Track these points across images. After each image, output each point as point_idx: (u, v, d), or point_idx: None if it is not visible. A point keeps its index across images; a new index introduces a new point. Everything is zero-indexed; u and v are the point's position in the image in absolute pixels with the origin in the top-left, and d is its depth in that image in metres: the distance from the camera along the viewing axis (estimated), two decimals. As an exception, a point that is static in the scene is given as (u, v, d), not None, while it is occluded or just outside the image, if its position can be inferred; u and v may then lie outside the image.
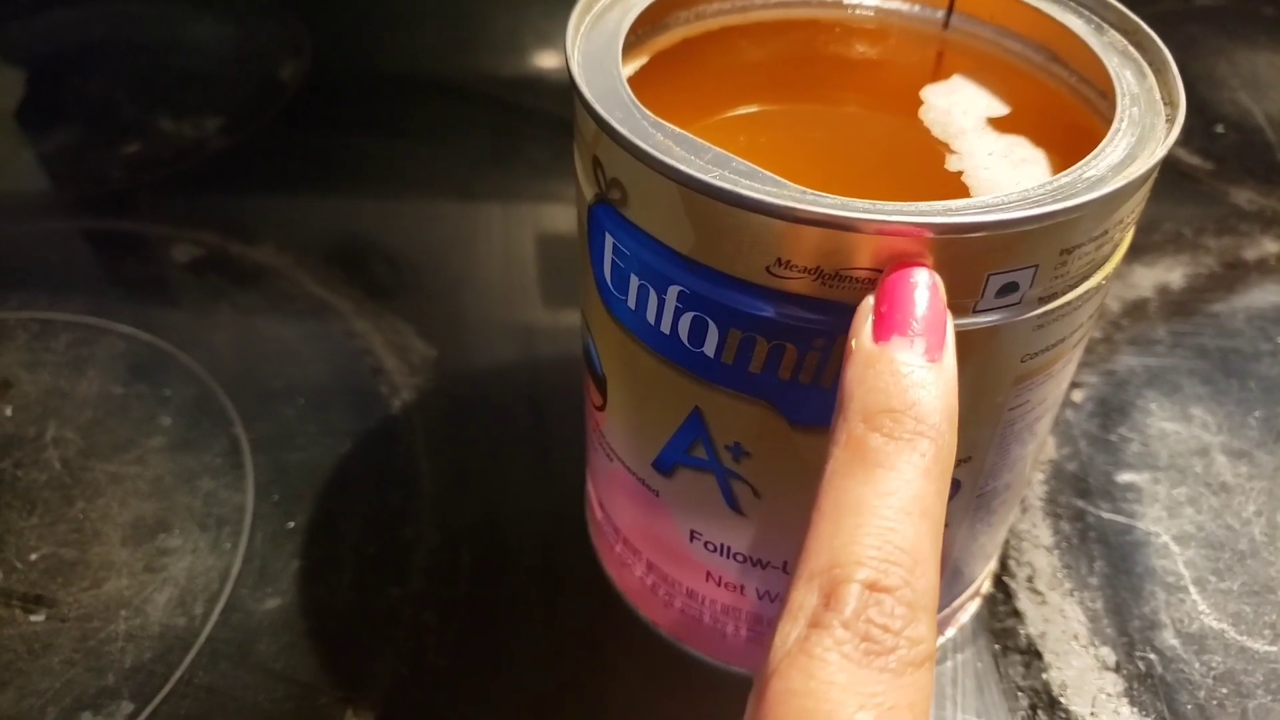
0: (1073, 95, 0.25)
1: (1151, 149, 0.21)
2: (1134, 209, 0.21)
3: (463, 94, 0.51)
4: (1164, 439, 0.35)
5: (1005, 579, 0.31)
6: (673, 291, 0.21)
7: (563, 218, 0.44)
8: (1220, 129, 0.50)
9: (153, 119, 0.49)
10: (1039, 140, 0.24)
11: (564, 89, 0.22)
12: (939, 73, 0.27)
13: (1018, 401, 0.22)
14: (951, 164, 0.24)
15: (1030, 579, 0.31)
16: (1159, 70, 0.23)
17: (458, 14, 0.57)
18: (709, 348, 0.21)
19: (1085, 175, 0.20)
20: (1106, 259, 0.21)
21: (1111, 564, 0.31)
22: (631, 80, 0.25)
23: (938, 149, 0.24)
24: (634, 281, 0.22)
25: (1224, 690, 0.28)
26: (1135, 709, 0.28)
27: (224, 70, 0.52)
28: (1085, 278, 0.21)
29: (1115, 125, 0.21)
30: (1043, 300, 0.20)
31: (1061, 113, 0.25)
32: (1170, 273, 0.42)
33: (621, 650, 0.29)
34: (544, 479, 0.33)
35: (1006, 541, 0.32)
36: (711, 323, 0.21)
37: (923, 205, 0.19)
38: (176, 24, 0.56)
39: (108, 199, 0.44)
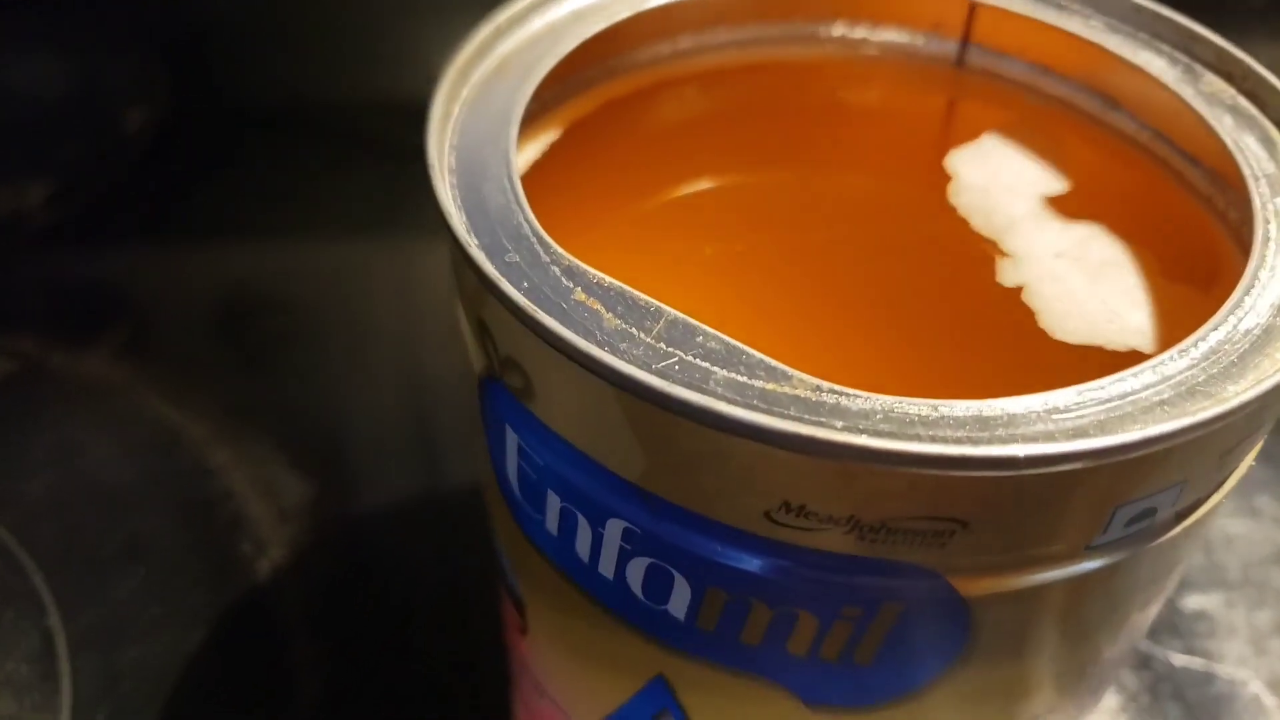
0: (1150, 157, 0.18)
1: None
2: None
3: (350, 130, 0.43)
4: (1231, 545, 0.29)
5: (1063, 764, 0.24)
6: (614, 526, 0.13)
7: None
8: None
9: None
10: (1118, 227, 0.17)
11: (428, 211, 0.14)
12: (955, 129, 0.20)
13: (1121, 644, 0.15)
14: (1005, 273, 0.17)
15: (1096, 759, 0.24)
16: (1304, 133, 0.16)
17: (341, 32, 0.48)
18: (676, 607, 0.14)
19: (1243, 327, 0.13)
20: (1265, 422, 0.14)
21: (1192, 727, 0.25)
22: (535, 170, 0.17)
23: (983, 249, 0.17)
24: (553, 500, 0.14)
25: None
26: None
27: (54, 122, 0.43)
28: (1241, 459, 0.14)
29: (1261, 232, 0.14)
30: (1183, 515, 0.13)
31: (1142, 184, 0.18)
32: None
33: None
34: (463, 673, 0.25)
35: (1057, 707, 0.25)
36: (678, 575, 0.13)
37: (1020, 404, 0.11)
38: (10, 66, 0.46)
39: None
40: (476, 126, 0.16)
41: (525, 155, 0.18)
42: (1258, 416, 0.12)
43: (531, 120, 0.18)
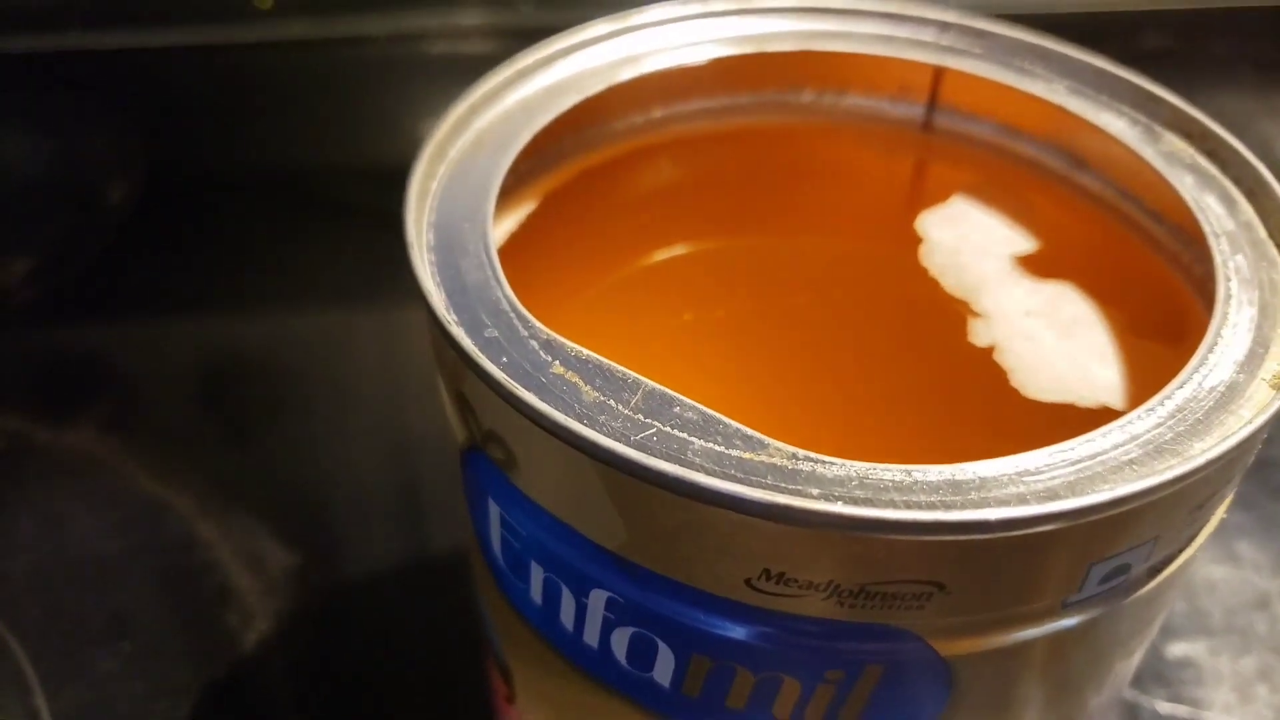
0: (1117, 215, 0.18)
1: (1288, 327, 0.14)
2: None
3: (331, 197, 0.43)
4: (1213, 592, 0.29)
5: (1057, 818, 0.24)
6: (598, 596, 0.13)
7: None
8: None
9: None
10: (1087, 285, 0.18)
11: (408, 287, 0.14)
12: (925, 191, 0.20)
13: (1104, 696, 0.15)
14: (977, 333, 0.17)
15: (1088, 814, 0.24)
16: (1253, 194, 0.16)
17: (320, 99, 0.49)
18: (661, 674, 0.14)
19: (1208, 384, 0.13)
20: (1235, 474, 0.14)
21: (1185, 779, 0.25)
22: (512, 241, 0.17)
23: (954, 309, 0.17)
24: (537, 571, 0.14)
25: None
26: None
27: (35, 197, 0.44)
28: (1212, 513, 0.14)
29: (1223, 289, 0.14)
30: (1157, 570, 0.13)
31: (1109, 242, 0.18)
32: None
33: None
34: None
35: (1050, 760, 0.25)
36: (662, 643, 0.13)
37: (992, 468, 0.12)
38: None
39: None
40: (454, 202, 0.16)
41: (503, 227, 0.18)
42: (1225, 472, 0.13)
43: (508, 193, 0.18)
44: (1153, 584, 0.13)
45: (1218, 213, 0.16)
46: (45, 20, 0.51)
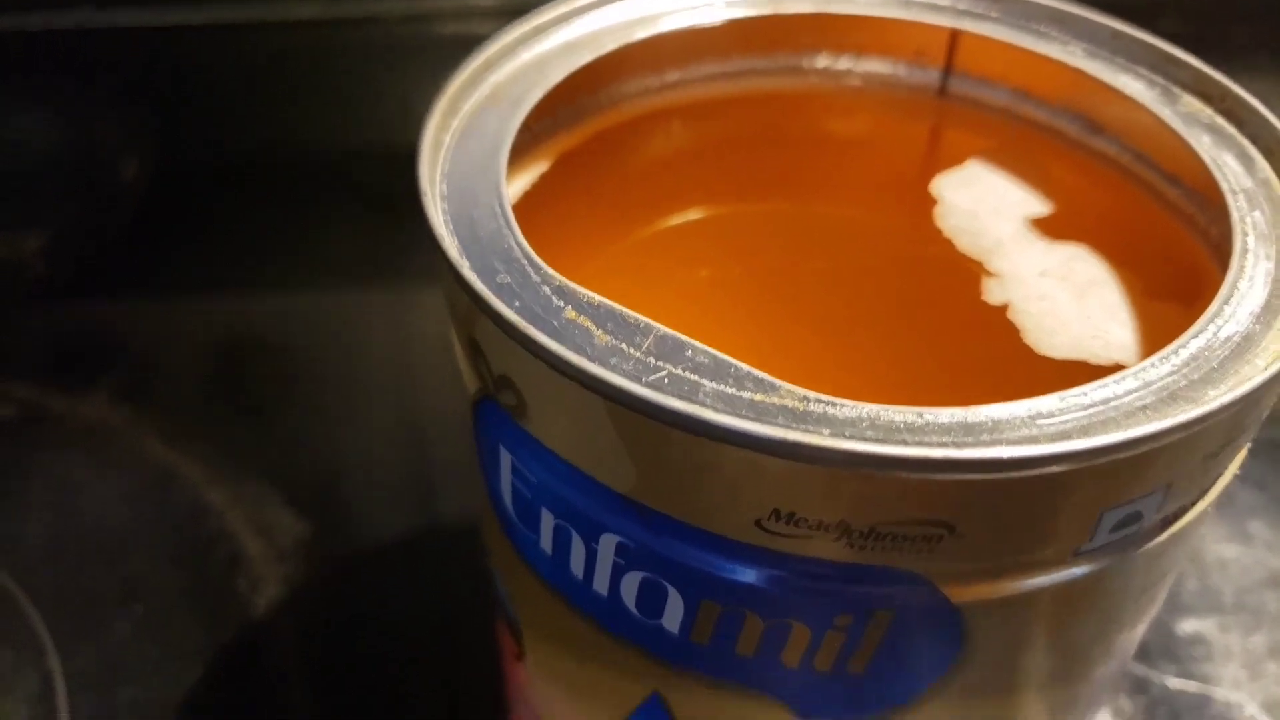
0: (1132, 178, 0.18)
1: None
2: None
3: (342, 179, 0.43)
4: (1224, 569, 0.29)
5: (1065, 790, 0.24)
6: (608, 541, 0.13)
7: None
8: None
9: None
10: (1102, 247, 0.18)
11: (422, 235, 0.14)
12: (940, 156, 0.20)
13: (1112, 661, 0.15)
14: (991, 292, 0.17)
15: (1097, 786, 0.24)
16: (1271, 152, 0.16)
17: (335, 82, 0.49)
18: (670, 621, 0.14)
19: (1223, 334, 0.13)
20: (1249, 426, 0.14)
21: (1193, 752, 0.24)
22: (525, 201, 0.17)
23: (969, 269, 0.17)
24: (547, 518, 0.14)
25: None
26: None
27: (49, 174, 0.44)
28: (1225, 466, 0.14)
29: (1239, 244, 0.14)
30: (1169, 521, 0.13)
31: (1125, 205, 0.18)
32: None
33: None
34: (459, 707, 0.25)
35: (1059, 733, 0.25)
36: (672, 589, 0.13)
37: (1004, 410, 0.12)
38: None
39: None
40: (467, 155, 0.16)
41: (516, 186, 0.18)
42: (1238, 420, 0.13)
43: (522, 151, 0.18)
44: (1164, 536, 0.13)
45: (1235, 170, 0.16)
46: (60, -1, 0.51)
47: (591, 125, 0.20)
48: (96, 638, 0.27)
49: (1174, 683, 0.26)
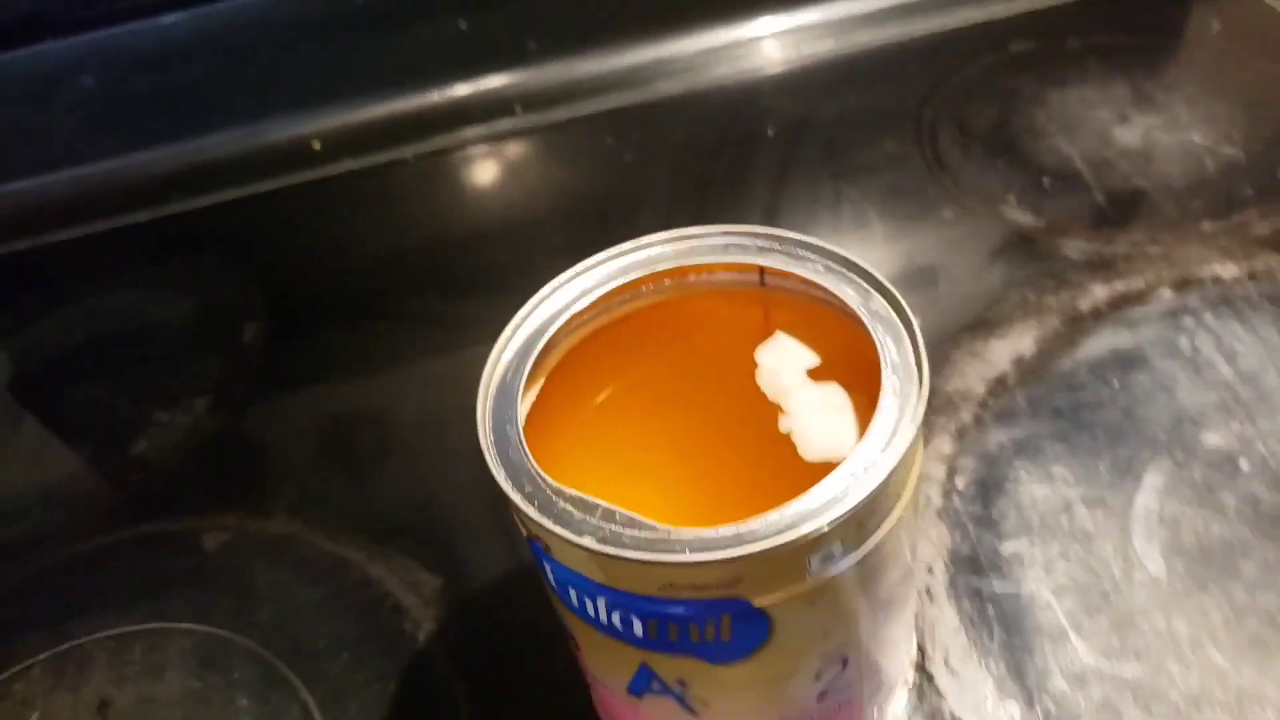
0: (856, 336, 0.33)
1: (909, 418, 0.28)
2: (904, 471, 0.28)
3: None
4: (1035, 505, 0.43)
5: (926, 664, 0.39)
6: (601, 599, 0.29)
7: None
8: (1046, 182, 0.58)
9: (148, 413, 0.56)
10: (848, 383, 0.32)
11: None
12: (767, 327, 0.35)
13: (867, 602, 0.30)
14: (783, 424, 0.32)
15: (946, 659, 0.39)
16: (912, 338, 0.30)
17: (373, 215, 0.64)
18: (637, 630, 0.29)
19: (861, 463, 0.27)
20: (899, 497, 0.29)
21: (1006, 629, 0.39)
22: (535, 412, 0.32)
23: (772, 411, 0.32)
24: (571, 591, 0.30)
25: (1105, 716, 0.36)
26: (1041, 753, 0.36)
27: (193, 347, 0.60)
28: (885, 518, 0.29)
29: (881, 402, 0.29)
30: (856, 548, 0.28)
31: (861, 350, 0.33)
32: (1022, 340, 0.49)
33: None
34: (563, 674, 0.41)
35: (922, 630, 0.40)
36: (635, 617, 0.28)
37: (732, 533, 0.26)
38: (139, 309, 0.63)
39: (132, 504, 0.52)
40: (500, 404, 0.31)
41: (529, 396, 0.33)
42: (861, 511, 0.27)
43: (532, 378, 0.33)
44: (861, 555, 0.28)
45: (892, 349, 0.30)
46: (148, 193, 0.67)
47: (564, 348, 0.34)
48: (326, 676, 0.43)
49: (999, 586, 0.41)
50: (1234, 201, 0.55)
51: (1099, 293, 0.51)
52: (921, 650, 0.39)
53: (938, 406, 0.47)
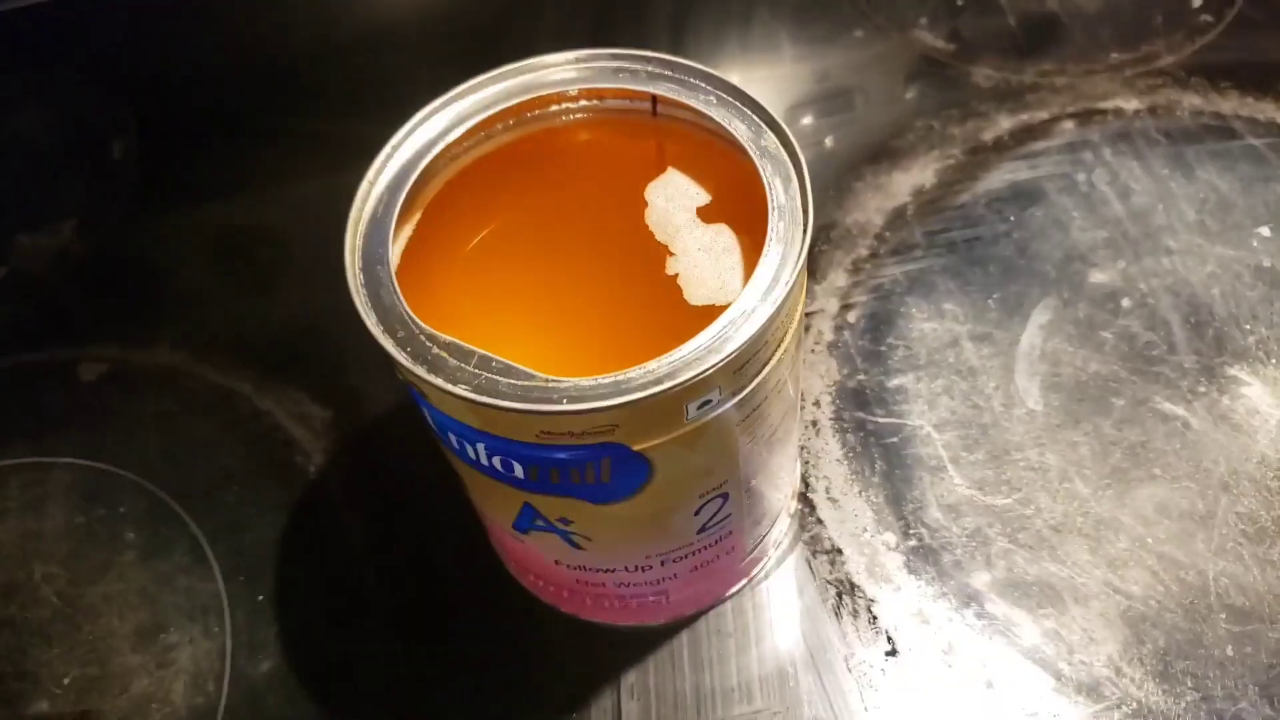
0: (749, 175, 0.31)
1: (791, 265, 0.28)
2: (785, 318, 0.28)
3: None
4: (924, 340, 0.44)
5: (809, 494, 0.40)
6: (479, 445, 0.28)
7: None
8: (960, 2, 0.56)
9: (10, 234, 0.53)
10: (737, 224, 0.31)
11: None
12: (660, 162, 0.33)
13: (747, 442, 0.31)
14: (670, 267, 0.31)
15: (828, 489, 0.40)
16: (800, 179, 0.29)
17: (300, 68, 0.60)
18: (518, 473, 0.29)
19: (742, 309, 0.27)
20: (780, 343, 0.29)
21: (888, 461, 0.41)
22: (410, 250, 0.31)
23: (660, 251, 0.31)
24: (452, 438, 0.29)
25: (974, 544, 0.38)
26: (912, 576, 0.38)
27: (57, 163, 0.56)
28: (766, 363, 0.28)
29: (765, 247, 0.28)
30: (735, 393, 0.28)
31: (753, 188, 0.31)
32: (924, 172, 0.49)
33: (535, 629, 0.38)
34: (451, 505, 0.41)
35: (806, 462, 0.41)
36: (514, 461, 0.28)
37: (610, 381, 0.26)
38: None
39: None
40: (371, 244, 0.29)
41: (404, 232, 0.32)
42: (735, 361, 0.27)
43: (403, 212, 0.31)
44: (736, 400, 0.28)
45: (779, 191, 0.29)
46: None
47: (441, 179, 0.33)
48: (216, 509, 0.43)
49: (882, 420, 0.42)
50: (1143, 32, 0.54)
51: (1003, 123, 0.50)
52: (805, 481, 0.40)
53: (835, 239, 0.47)
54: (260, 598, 0.40)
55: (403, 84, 0.57)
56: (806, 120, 0.51)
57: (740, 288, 0.30)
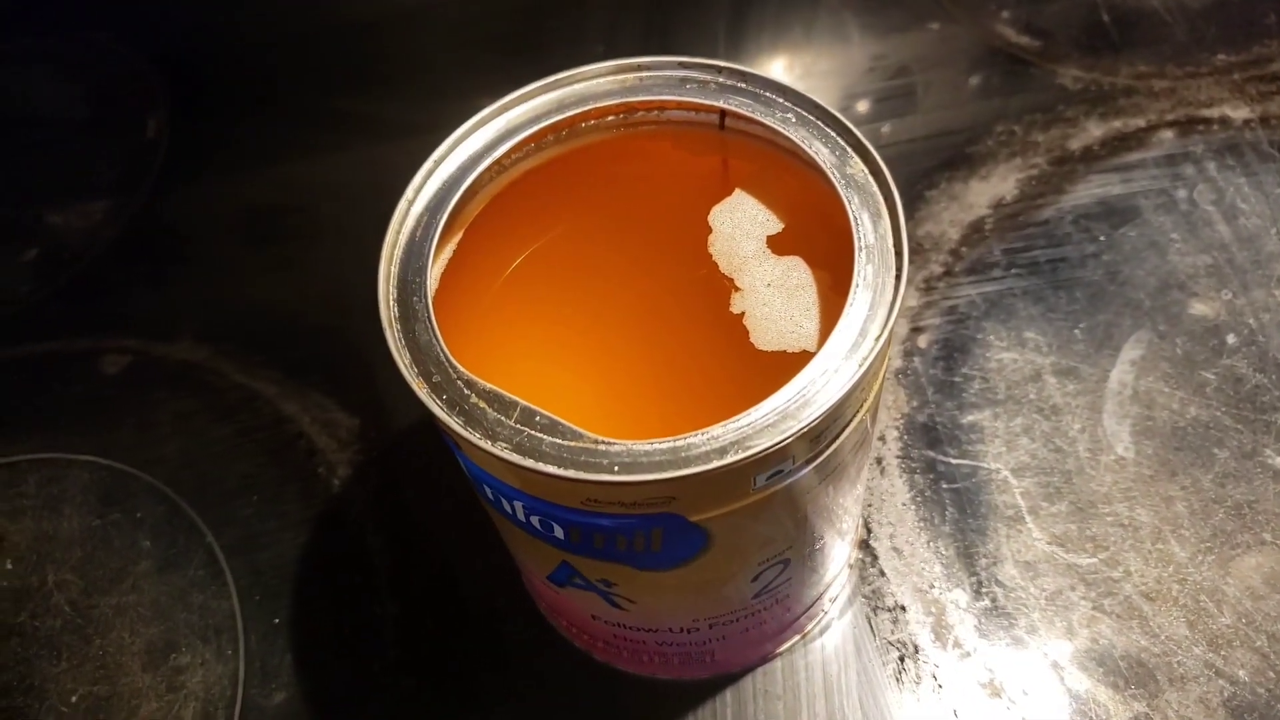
0: (831, 202, 0.28)
1: (881, 318, 0.24)
2: (872, 377, 0.25)
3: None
4: (1002, 371, 0.40)
5: (871, 542, 0.37)
6: (518, 503, 0.25)
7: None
8: (1048, -7, 0.51)
9: (39, 214, 0.50)
10: (814, 258, 0.28)
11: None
12: (727, 182, 0.30)
13: (816, 506, 0.27)
14: (735, 304, 0.27)
15: (892, 537, 0.37)
16: (893, 215, 0.26)
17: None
18: (558, 534, 0.26)
19: (823, 368, 0.24)
20: (864, 403, 0.25)
21: (960, 508, 0.37)
22: (449, 272, 0.28)
23: (726, 285, 0.28)
24: (486, 488, 0.26)
25: (1054, 608, 0.35)
26: (983, 640, 0.34)
27: (89, 139, 0.53)
28: (848, 425, 0.25)
29: (850, 295, 0.25)
30: (810, 462, 0.25)
31: (831, 216, 0.28)
32: (1004, 183, 0.45)
33: (564, 675, 0.35)
34: (481, 532, 0.38)
35: (869, 504, 0.38)
36: (555, 523, 0.25)
37: (668, 448, 0.23)
38: (21, 91, 0.56)
39: (23, 319, 0.47)
40: (407, 278, 0.26)
41: (444, 254, 0.28)
42: (814, 429, 0.23)
43: (447, 230, 0.28)
44: (809, 469, 0.25)
45: (867, 227, 0.26)
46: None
47: (487, 194, 0.29)
48: (234, 520, 0.40)
49: (954, 461, 0.38)
50: (1254, 30, 0.50)
51: (1093, 130, 0.46)
52: (867, 526, 0.37)
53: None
54: (276, 620, 0.38)
55: (438, 64, 0.54)
56: (874, 119, 0.47)
57: (815, 332, 0.27)
